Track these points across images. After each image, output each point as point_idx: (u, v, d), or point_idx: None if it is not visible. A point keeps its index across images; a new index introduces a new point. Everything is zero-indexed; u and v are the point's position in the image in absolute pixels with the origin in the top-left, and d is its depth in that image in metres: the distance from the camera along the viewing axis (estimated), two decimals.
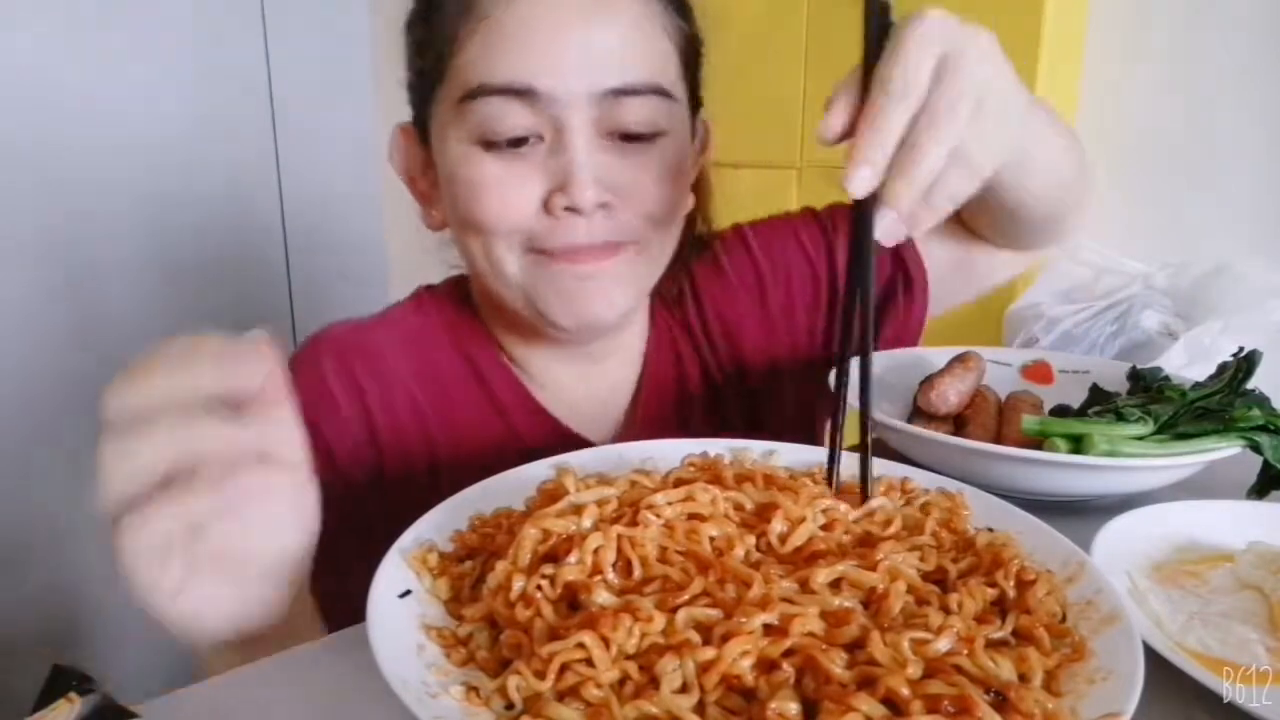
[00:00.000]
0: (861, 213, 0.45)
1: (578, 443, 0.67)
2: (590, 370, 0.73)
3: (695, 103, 0.68)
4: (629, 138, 0.60)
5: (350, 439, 0.68)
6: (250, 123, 2.05)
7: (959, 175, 0.46)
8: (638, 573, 0.38)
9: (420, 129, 0.67)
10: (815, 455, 0.53)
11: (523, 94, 0.57)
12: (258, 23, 2.02)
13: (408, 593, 0.39)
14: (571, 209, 0.59)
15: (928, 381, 0.65)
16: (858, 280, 0.47)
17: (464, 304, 0.75)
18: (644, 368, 0.76)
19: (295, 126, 2.10)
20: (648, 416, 0.73)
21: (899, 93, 0.43)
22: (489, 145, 0.59)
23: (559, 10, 0.57)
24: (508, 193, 0.60)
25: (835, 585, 0.37)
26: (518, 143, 0.59)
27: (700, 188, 0.73)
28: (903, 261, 0.75)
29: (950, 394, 0.64)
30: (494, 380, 0.72)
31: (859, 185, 0.44)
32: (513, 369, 0.73)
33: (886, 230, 0.45)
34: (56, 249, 1.79)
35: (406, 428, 0.69)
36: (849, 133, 0.45)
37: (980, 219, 0.73)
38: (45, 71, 1.74)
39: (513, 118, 0.58)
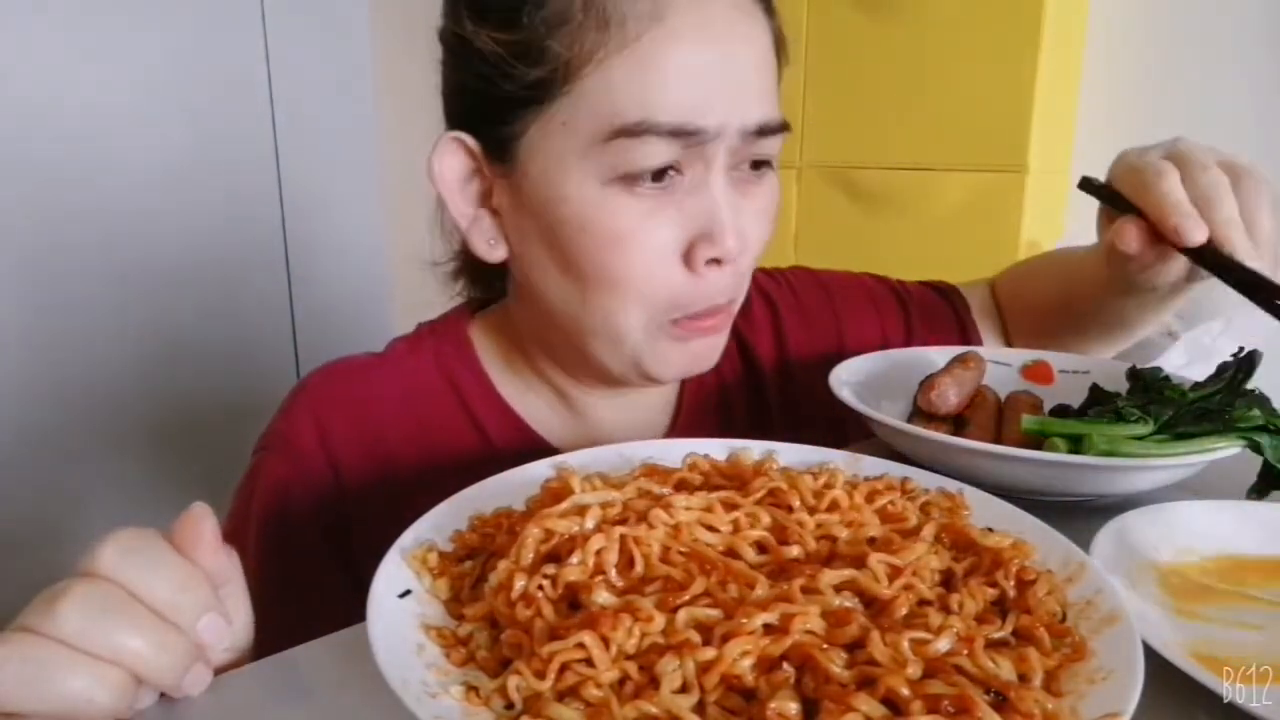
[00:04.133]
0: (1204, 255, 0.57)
1: None
2: (636, 400, 0.71)
3: None
4: (750, 171, 0.57)
5: (322, 509, 0.63)
6: (250, 123, 2.05)
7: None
8: (639, 568, 0.38)
9: (491, 145, 0.57)
10: (815, 455, 0.53)
11: (688, 134, 0.52)
12: (258, 23, 2.03)
13: (408, 593, 0.39)
14: (715, 260, 0.55)
15: (928, 381, 0.65)
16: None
17: (465, 343, 0.69)
18: (681, 394, 0.74)
19: (295, 126, 2.10)
20: None
21: (1198, 161, 0.56)
22: (632, 182, 0.53)
23: (708, 31, 0.52)
24: (651, 242, 0.54)
25: (839, 585, 0.37)
26: (661, 174, 0.53)
27: None
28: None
29: (950, 394, 0.64)
30: (494, 431, 0.67)
31: (1193, 234, 0.55)
32: (519, 411, 0.68)
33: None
34: (54, 249, 1.79)
35: (383, 496, 0.64)
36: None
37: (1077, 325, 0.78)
38: (43, 71, 1.74)
39: (667, 154, 0.53)
